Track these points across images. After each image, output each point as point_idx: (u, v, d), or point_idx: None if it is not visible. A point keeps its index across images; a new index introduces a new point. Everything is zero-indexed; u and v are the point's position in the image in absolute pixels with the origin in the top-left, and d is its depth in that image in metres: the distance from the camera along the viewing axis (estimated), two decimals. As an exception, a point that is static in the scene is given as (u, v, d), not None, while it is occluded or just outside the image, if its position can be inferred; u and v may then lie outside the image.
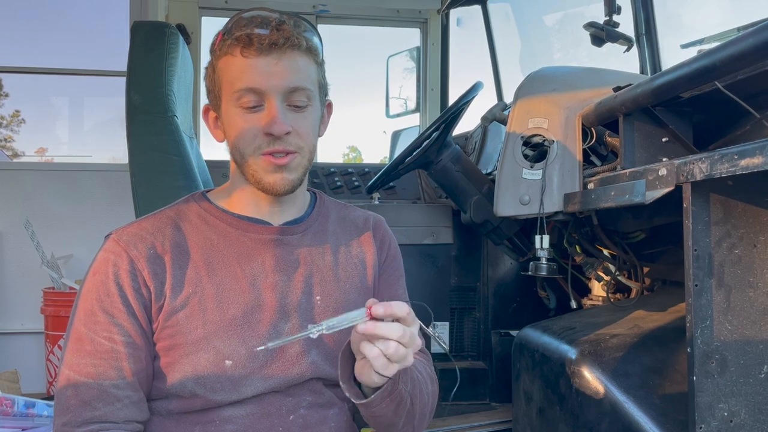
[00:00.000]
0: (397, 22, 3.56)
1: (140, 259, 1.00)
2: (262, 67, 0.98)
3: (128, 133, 1.80)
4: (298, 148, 1.02)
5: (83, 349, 0.97)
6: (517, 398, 1.71)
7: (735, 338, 1.06)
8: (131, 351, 0.98)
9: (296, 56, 0.99)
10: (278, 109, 0.99)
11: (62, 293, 3.24)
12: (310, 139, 1.04)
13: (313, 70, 1.03)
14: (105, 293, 0.98)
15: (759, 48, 0.97)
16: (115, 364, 0.97)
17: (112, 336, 0.97)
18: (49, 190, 3.52)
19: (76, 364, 0.97)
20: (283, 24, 0.99)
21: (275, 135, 0.98)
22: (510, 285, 2.48)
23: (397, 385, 0.95)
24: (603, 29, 1.86)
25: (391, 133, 3.67)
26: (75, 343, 0.98)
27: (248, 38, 0.97)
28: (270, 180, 1.02)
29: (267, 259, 1.06)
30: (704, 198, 1.05)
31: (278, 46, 0.97)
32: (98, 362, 0.96)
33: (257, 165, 1.02)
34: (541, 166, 1.56)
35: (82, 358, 0.97)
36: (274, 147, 1.00)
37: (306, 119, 1.02)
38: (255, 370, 1.01)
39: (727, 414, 1.05)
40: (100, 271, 1.00)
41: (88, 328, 0.98)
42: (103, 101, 4.56)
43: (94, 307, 0.98)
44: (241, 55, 0.98)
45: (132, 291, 0.99)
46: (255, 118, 1.00)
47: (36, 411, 1.45)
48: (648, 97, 1.28)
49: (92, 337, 0.97)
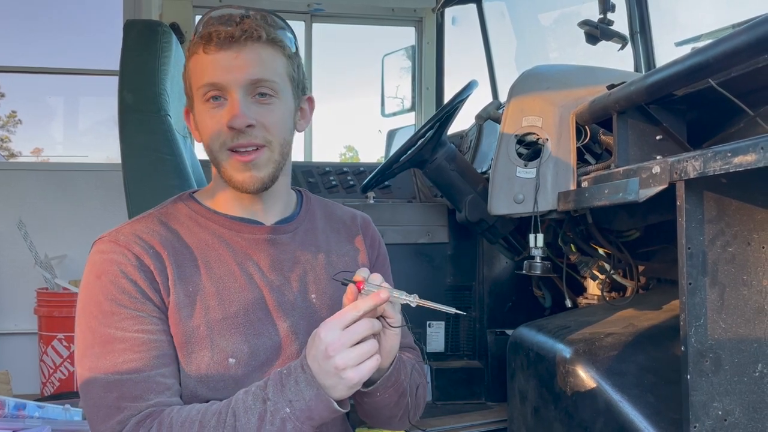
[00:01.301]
0: (392, 21, 3.56)
1: (144, 256, 0.98)
2: (221, 61, 0.98)
3: (121, 133, 1.79)
4: (266, 141, 1.01)
5: (115, 349, 0.94)
6: (512, 397, 1.71)
7: (729, 337, 1.05)
8: (167, 338, 0.97)
9: (257, 48, 0.99)
10: (239, 102, 0.98)
11: (56, 293, 3.23)
12: (279, 132, 1.03)
13: (279, 62, 1.02)
14: (119, 291, 0.96)
15: (752, 45, 0.97)
16: (157, 353, 0.95)
17: (145, 327, 0.95)
18: (43, 190, 3.51)
19: (111, 366, 0.93)
20: (246, 18, 0.99)
21: (237, 128, 0.98)
22: (505, 284, 2.47)
23: (399, 375, 0.99)
24: (597, 27, 1.86)
25: (386, 132, 3.67)
26: (103, 347, 0.94)
27: (209, 35, 0.98)
28: (239, 178, 1.01)
29: (262, 259, 1.06)
30: (698, 196, 1.05)
31: (236, 39, 0.97)
32: (137, 356, 0.94)
33: (227, 164, 1.02)
34: (535, 165, 1.56)
35: (116, 357, 0.93)
36: (239, 141, 0.99)
37: (272, 112, 1.01)
38: (256, 368, 1.01)
39: (721, 413, 1.04)
40: (105, 272, 0.97)
41: (116, 328, 0.95)
42: (99, 101, 4.54)
43: (113, 308, 0.95)
44: (203, 52, 0.99)
45: (146, 284, 0.97)
46: (220, 113, 1.00)
47: (27, 412, 1.44)
48: (642, 95, 1.28)
49: (122, 335, 0.94)
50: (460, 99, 1.97)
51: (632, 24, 2.08)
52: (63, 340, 3.17)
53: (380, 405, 1.02)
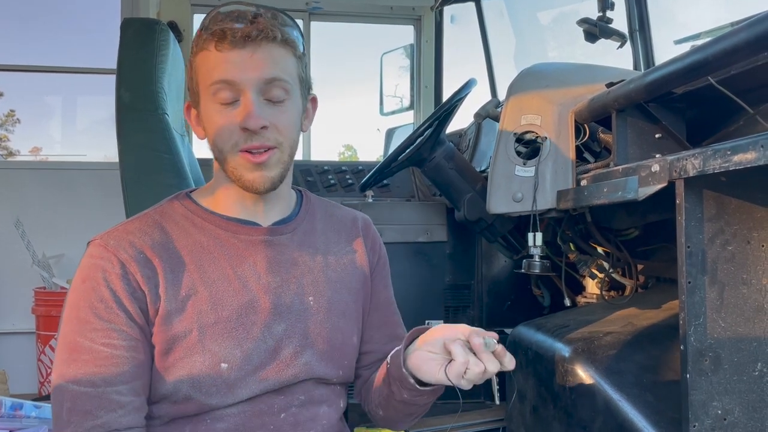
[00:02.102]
0: (391, 19, 3.55)
1: (131, 263, 0.97)
2: (236, 59, 0.96)
3: (118, 131, 1.79)
4: (277, 143, 1.00)
5: (80, 359, 0.94)
6: (510, 396, 1.71)
7: (728, 335, 1.05)
8: (132, 354, 0.96)
9: (272, 48, 0.98)
10: (254, 103, 0.97)
11: (53, 293, 3.23)
12: (290, 133, 1.02)
13: (291, 63, 1.01)
14: (97, 300, 0.95)
15: (751, 42, 0.96)
16: (116, 369, 0.94)
17: (112, 341, 0.95)
18: (41, 189, 3.50)
19: (72, 375, 0.93)
20: (258, 17, 0.98)
21: (251, 129, 0.97)
22: (504, 283, 2.47)
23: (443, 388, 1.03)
24: (596, 25, 1.86)
25: (385, 131, 3.66)
26: (70, 354, 0.95)
27: (222, 32, 0.96)
28: (249, 178, 1.00)
29: (259, 261, 1.05)
30: (697, 194, 1.04)
31: (252, 38, 0.96)
32: (97, 369, 0.93)
33: (236, 162, 1.00)
34: (534, 163, 1.56)
35: (79, 368, 0.93)
36: (252, 143, 0.98)
37: (284, 113, 1.01)
38: (249, 372, 1.00)
39: (720, 412, 1.04)
40: (90, 278, 0.97)
41: (85, 337, 0.94)
42: (97, 100, 4.54)
43: (87, 315, 0.95)
44: (215, 49, 0.97)
45: (126, 294, 0.96)
46: (231, 113, 0.98)
47: (24, 412, 1.44)
48: (641, 93, 1.27)
49: (89, 346, 0.94)
50: (459, 97, 1.96)
51: (631, 22, 2.07)
52: (61, 340, 3.17)
53: (413, 402, 1.06)
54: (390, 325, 1.23)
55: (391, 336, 1.21)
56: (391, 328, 1.22)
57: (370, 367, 1.20)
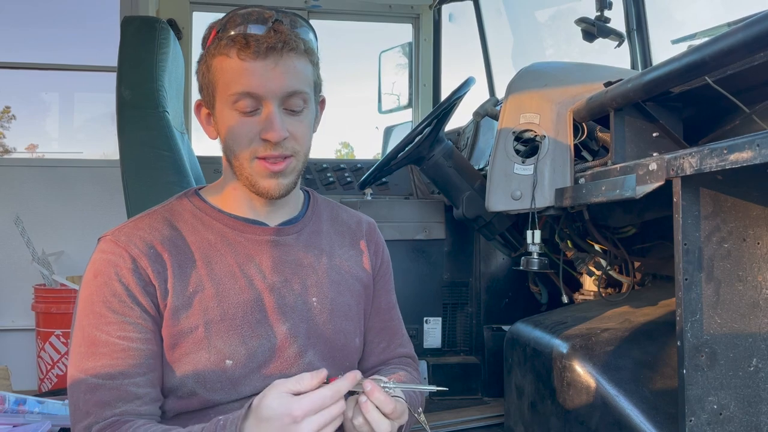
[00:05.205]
0: (389, 18, 3.55)
1: (142, 258, 0.98)
2: (259, 71, 0.96)
3: (119, 129, 1.80)
4: (294, 152, 1.01)
5: (98, 352, 0.95)
6: (509, 393, 1.72)
7: (724, 332, 1.06)
8: (148, 347, 0.97)
9: (293, 59, 0.98)
10: (276, 115, 0.97)
11: (53, 290, 3.22)
12: (306, 142, 1.04)
13: (309, 72, 1.02)
14: (110, 294, 0.96)
15: (748, 43, 0.97)
16: (133, 362, 0.95)
17: (127, 334, 0.96)
18: (40, 186, 3.50)
19: (91, 368, 0.94)
20: (280, 24, 0.97)
21: (273, 141, 0.97)
22: (502, 280, 2.48)
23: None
24: (594, 25, 1.87)
25: (383, 129, 3.66)
26: (87, 347, 0.96)
27: (245, 40, 0.95)
28: (265, 185, 1.01)
29: (264, 261, 1.06)
30: (694, 192, 1.05)
31: (276, 50, 0.95)
32: (115, 362, 0.94)
33: (252, 169, 1.01)
34: (533, 161, 1.57)
35: (97, 360, 0.94)
36: (271, 152, 0.99)
37: (302, 122, 1.01)
38: (254, 370, 1.01)
39: (716, 407, 1.06)
40: (102, 273, 0.98)
41: (101, 330, 0.95)
42: (93, 97, 4.52)
43: (101, 309, 0.96)
44: (237, 57, 0.96)
45: (139, 288, 0.97)
46: (251, 121, 0.98)
47: (27, 407, 1.45)
48: (638, 92, 1.28)
49: (106, 339, 0.95)
50: (458, 96, 1.97)
51: (629, 21, 2.08)
52: (60, 337, 3.17)
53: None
54: (389, 331, 1.23)
55: (389, 342, 1.22)
56: (389, 334, 1.22)
57: (366, 371, 1.20)
